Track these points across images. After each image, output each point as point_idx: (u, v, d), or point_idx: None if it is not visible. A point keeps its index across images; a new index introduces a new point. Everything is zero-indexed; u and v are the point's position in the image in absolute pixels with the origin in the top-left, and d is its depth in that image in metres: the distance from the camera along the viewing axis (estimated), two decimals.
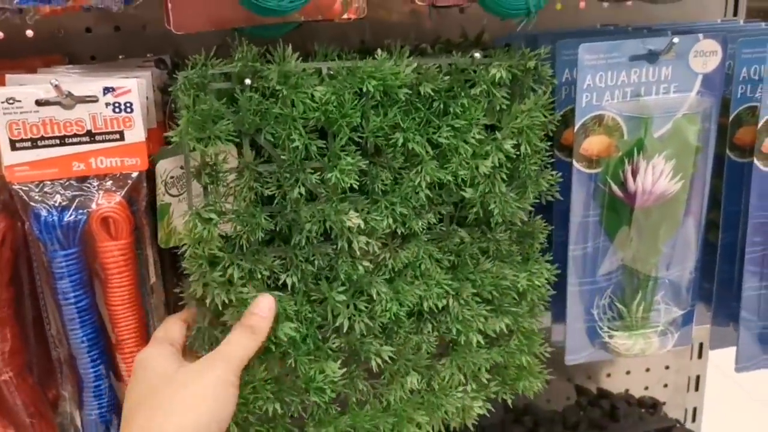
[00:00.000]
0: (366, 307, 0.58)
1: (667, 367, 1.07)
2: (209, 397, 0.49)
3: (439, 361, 0.62)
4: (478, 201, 0.60)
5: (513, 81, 0.60)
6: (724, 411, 1.79)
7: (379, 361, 0.58)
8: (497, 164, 0.60)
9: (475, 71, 0.58)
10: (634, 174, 0.63)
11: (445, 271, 0.61)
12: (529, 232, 0.63)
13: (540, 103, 0.60)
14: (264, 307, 0.53)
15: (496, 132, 0.60)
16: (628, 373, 1.06)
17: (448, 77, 0.58)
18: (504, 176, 0.61)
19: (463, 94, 0.59)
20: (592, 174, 0.64)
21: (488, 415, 0.63)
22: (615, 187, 0.64)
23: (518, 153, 0.60)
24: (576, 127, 0.62)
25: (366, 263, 0.58)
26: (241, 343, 0.52)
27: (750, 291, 0.68)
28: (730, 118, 0.66)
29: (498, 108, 0.60)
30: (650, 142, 0.63)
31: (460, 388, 0.63)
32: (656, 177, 0.63)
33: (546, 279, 0.64)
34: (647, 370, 1.07)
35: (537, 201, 0.63)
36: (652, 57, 0.61)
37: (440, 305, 0.60)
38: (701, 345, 1.07)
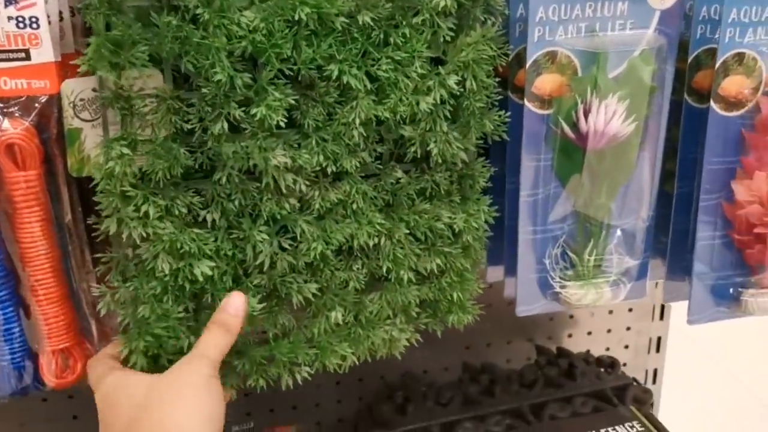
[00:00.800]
0: (290, 245, 0.55)
1: (628, 329, 1.06)
2: (203, 390, 0.49)
3: (368, 296, 0.60)
4: (417, 140, 0.57)
5: (459, 10, 0.57)
6: (684, 372, 1.80)
7: (301, 298, 0.56)
8: (439, 101, 0.56)
9: None
10: (587, 114, 0.60)
11: (379, 210, 0.58)
12: (469, 174, 0.60)
13: (488, 35, 0.57)
14: (236, 305, 0.53)
15: (440, 67, 0.57)
16: (589, 333, 1.05)
17: (390, 4, 0.55)
18: (447, 114, 0.57)
19: (404, 23, 0.55)
20: (544, 115, 0.61)
21: (416, 345, 0.62)
22: (567, 128, 0.61)
23: (462, 89, 0.57)
24: (528, 64, 0.59)
25: (293, 201, 0.55)
26: (215, 342, 0.52)
27: (703, 241, 0.66)
28: (689, 61, 0.63)
29: (442, 39, 0.56)
30: (604, 81, 0.60)
31: (389, 321, 0.61)
32: (609, 117, 0.60)
33: (485, 220, 0.61)
34: (608, 331, 1.05)
35: (482, 141, 0.60)
36: None
37: (371, 243, 0.57)
38: (663, 306, 1.06)
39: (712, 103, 0.62)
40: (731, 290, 0.67)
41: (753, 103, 0.63)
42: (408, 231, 0.59)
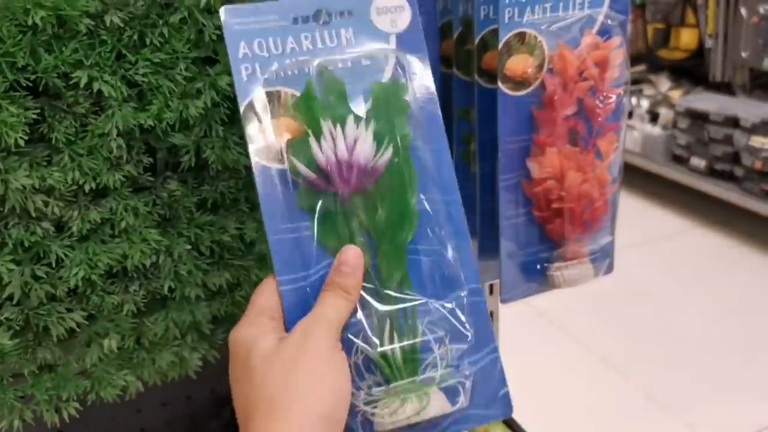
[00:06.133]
0: (47, 274, 0.50)
1: None
2: (322, 369, 0.43)
3: (150, 317, 0.56)
4: (191, 147, 0.53)
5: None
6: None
7: (63, 329, 0.51)
8: (211, 104, 0.53)
9: None
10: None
11: (155, 226, 0.53)
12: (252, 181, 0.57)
13: None
14: (350, 259, 0.46)
15: (208, 67, 0.53)
16: None
17: (142, 2, 0.50)
18: (223, 117, 0.54)
19: (162, 21, 0.51)
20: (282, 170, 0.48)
21: (213, 362, 0.59)
22: (308, 172, 0.47)
23: None
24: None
25: (46, 225, 0.49)
26: (335, 304, 0.46)
27: (507, 220, 0.66)
28: (476, 42, 0.63)
29: (209, 38, 0.53)
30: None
31: (177, 342, 0.57)
32: (351, 142, 0.47)
33: None
34: None
35: None
36: None
37: (148, 263, 0.53)
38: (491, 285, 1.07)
39: (499, 83, 0.62)
40: (538, 266, 0.68)
41: (539, 81, 0.64)
42: (190, 246, 0.55)
